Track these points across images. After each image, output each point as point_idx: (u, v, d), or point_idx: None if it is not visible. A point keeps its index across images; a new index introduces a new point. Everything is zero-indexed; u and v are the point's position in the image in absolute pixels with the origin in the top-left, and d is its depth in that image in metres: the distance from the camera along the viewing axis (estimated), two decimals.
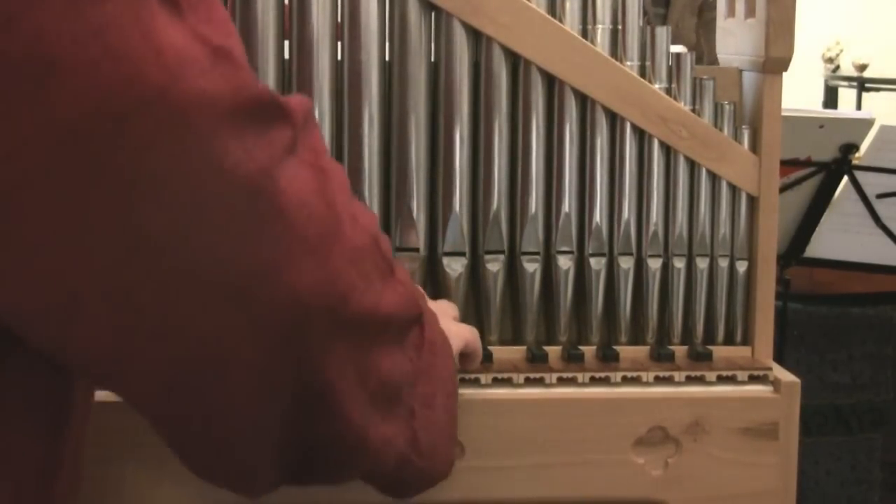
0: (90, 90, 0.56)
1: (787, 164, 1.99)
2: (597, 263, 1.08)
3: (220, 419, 0.66)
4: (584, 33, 1.07)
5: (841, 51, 5.85)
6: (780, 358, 1.79)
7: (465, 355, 0.97)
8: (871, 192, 2.09)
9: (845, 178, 2.10)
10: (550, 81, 1.07)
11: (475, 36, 1.05)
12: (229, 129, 0.60)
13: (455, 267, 1.06)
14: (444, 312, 0.96)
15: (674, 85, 1.09)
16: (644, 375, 1.05)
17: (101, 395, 0.77)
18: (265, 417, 0.67)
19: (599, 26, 1.07)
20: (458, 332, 0.95)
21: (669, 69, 1.09)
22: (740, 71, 1.14)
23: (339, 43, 1.03)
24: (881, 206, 2.10)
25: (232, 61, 0.61)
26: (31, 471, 0.67)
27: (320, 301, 0.65)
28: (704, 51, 3.10)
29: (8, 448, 0.65)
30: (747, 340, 1.11)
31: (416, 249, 1.05)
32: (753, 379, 1.06)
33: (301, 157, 0.65)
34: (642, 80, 1.07)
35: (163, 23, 0.58)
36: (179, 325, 0.62)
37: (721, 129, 1.09)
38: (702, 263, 1.10)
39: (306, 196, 0.64)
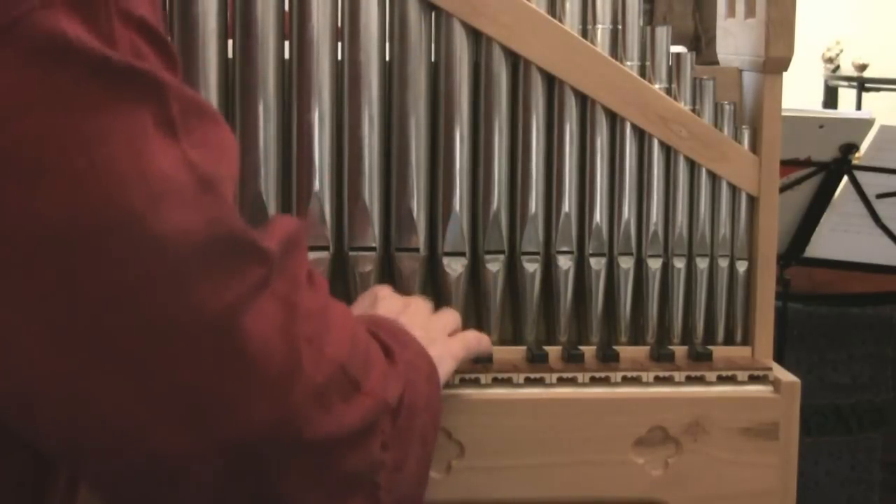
0: (71, 202, 0.57)
1: (787, 164, 1.98)
2: (597, 263, 1.08)
3: None
4: (584, 33, 1.07)
5: (841, 51, 5.85)
6: (780, 358, 1.79)
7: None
8: (871, 192, 2.09)
9: (845, 178, 2.10)
10: (550, 81, 1.07)
11: (475, 36, 1.05)
12: (201, 265, 0.61)
13: (455, 267, 1.06)
14: (443, 329, 0.97)
15: (674, 85, 1.09)
16: (644, 375, 1.05)
17: None
18: None
19: (599, 26, 1.07)
20: (452, 353, 0.95)
21: (669, 69, 1.09)
22: (740, 71, 1.14)
23: (339, 43, 1.03)
24: (881, 206, 2.10)
25: (214, 194, 0.62)
26: (27, 488, 0.68)
27: (273, 437, 0.66)
28: (703, 38, 3.09)
29: None
30: (747, 340, 1.12)
31: (416, 249, 1.05)
32: (753, 379, 1.06)
33: (274, 289, 0.66)
34: (642, 80, 1.07)
35: (154, 145, 0.59)
36: (134, 438, 0.63)
37: (721, 129, 1.09)
38: (702, 263, 1.10)
39: (269, 337, 0.65)
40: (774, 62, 1.08)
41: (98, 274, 0.58)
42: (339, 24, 1.03)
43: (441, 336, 0.96)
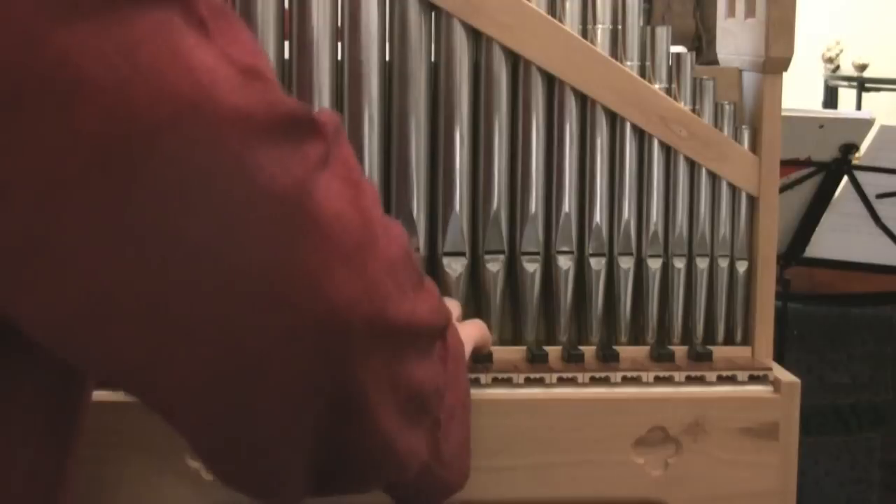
0: (120, 108, 0.56)
1: (787, 164, 1.98)
2: (597, 263, 1.08)
3: (253, 426, 0.66)
4: (584, 33, 1.07)
5: (841, 51, 5.85)
6: (780, 358, 1.78)
7: (476, 348, 0.98)
8: (871, 192, 2.09)
9: (845, 178, 2.10)
10: (550, 81, 1.07)
11: (475, 36, 1.05)
12: (263, 144, 0.60)
13: (455, 267, 1.06)
14: (452, 313, 0.96)
15: (674, 85, 1.09)
16: (644, 375, 1.05)
17: (99, 395, 0.77)
18: (298, 424, 0.66)
19: (599, 26, 1.07)
20: (469, 335, 0.95)
21: (669, 69, 1.09)
22: (740, 71, 1.14)
23: (339, 43, 1.03)
24: (881, 206, 2.10)
25: (262, 79, 0.61)
26: (35, 486, 0.67)
27: (358, 311, 0.65)
28: (704, 38, 3.09)
29: (13, 462, 0.65)
30: (747, 340, 1.12)
31: (417, 249, 1.05)
32: (753, 379, 1.06)
33: (334, 170, 0.65)
34: (642, 80, 1.07)
35: (192, 43, 0.59)
36: (215, 333, 0.62)
37: (721, 129, 1.09)
38: (702, 263, 1.10)
39: (342, 208, 0.64)
40: (774, 62, 1.08)
41: (157, 170, 0.57)
42: (339, 24, 1.03)
43: (456, 320, 0.96)
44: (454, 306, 1.02)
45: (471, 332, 0.97)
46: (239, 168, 0.59)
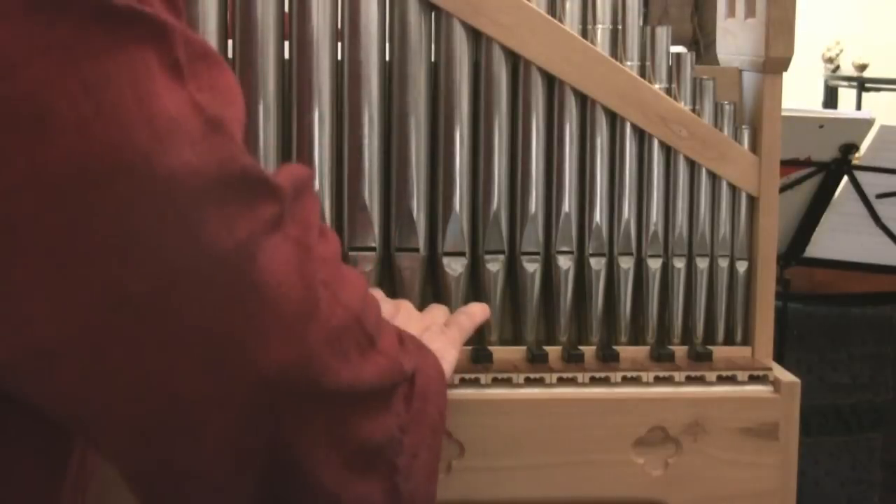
0: (78, 148, 0.56)
1: (787, 164, 1.98)
2: (597, 263, 1.08)
3: (191, 483, 0.66)
4: (584, 33, 1.07)
5: (841, 51, 5.85)
6: (780, 358, 1.79)
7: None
8: (871, 192, 2.09)
9: (845, 178, 2.10)
10: (550, 81, 1.07)
11: (475, 36, 1.05)
12: (212, 202, 0.60)
13: (455, 267, 1.06)
14: (435, 322, 0.97)
15: (674, 85, 1.09)
16: (644, 375, 1.05)
17: None
18: (236, 483, 0.67)
19: (599, 26, 1.07)
20: (452, 342, 0.95)
21: (669, 69, 1.09)
22: (740, 71, 1.14)
23: (339, 43, 1.03)
24: (881, 206, 2.10)
25: (223, 134, 0.61)
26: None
27: (289, 381, 0.65)
28: (702, 42, 3.09)
29: (4, 489, 0.65)
30: (747, 340, 1.12)
31: (416, 249, 1.05)
32: (753, 379, 1.06)
33: (286, 232, 0.65)
34: (642, 80, 1.07)
35: (160, 87, 0.58)
36: (151, 386, 0.62)
37: (721, 129, 1.09)
38: (702, 263, 1.10)
39: (284, 275, 0.64)
40: (774, 62, 1.08)
41: (107, 219, 0.57)
42: (339, 25, 1.03)
43: (437, 328, 0.96)
44: (440, 313, 1.01)
45: (452, 339, 0.97)
46: (184, 226, 0.59)
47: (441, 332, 0.96)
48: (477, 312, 1.03)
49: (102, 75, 0.56)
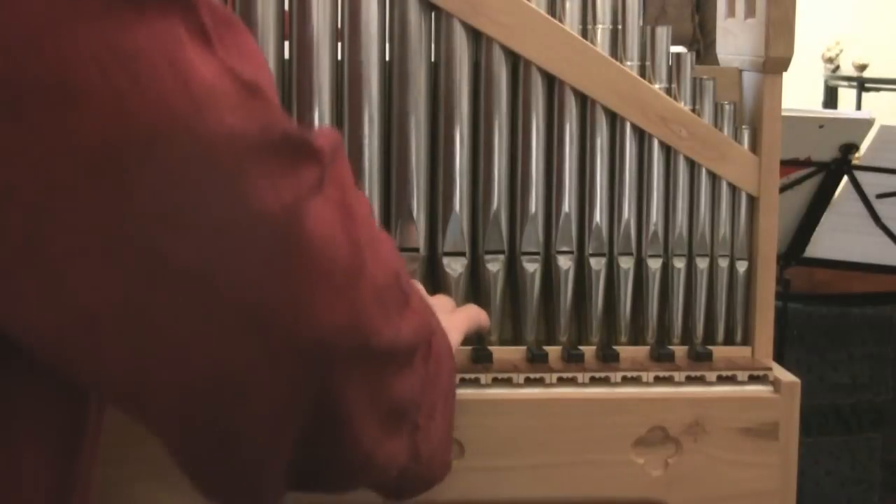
0: (115, 119, 0.56)
1: (787, 164, 1.98)
2: (597, 263, 1.08)
3: (234, 442, 0.66)
4: (584, 33, 1.07)
5: (841, 51, 5.85)
6: (780, 358, 1.79)
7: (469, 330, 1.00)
8: (871, 192, 2.09)
9: (845, 178, 2.10)
10: (550, 81, 1.07)
11: (475, 36, 1.05)
12: (256, 165, 0.60)
13: (455, 267, 1.06)
14: (442, 308, 0.96)
15: (674, 85, 1.09)
16: (644, 375, 1.05)
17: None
18: (278, 441, 0.67)
19: (599, 26, 1.07)
20: (456, 327, 0.96)
21: (669, 69, 1.09)
22: (740, 71, 1.14)
23: (339, 43, 1.03)
24: (881, 206, 2.10)
25: (261, 97, 0.61)
26: (43, 495, 0.67)
27: (342, 339, 0.65)
28: (702, 42, 3.08)
29: (20, 472, 0.65)
30: (747, 340, 1.12)
31: (416, 249, 1.05)
32: (753, 379, 1.06)
33: (327, 194, 0.64)
34: (642, 80, 1.07)
35: (192, 55, 0.58)
36: (199, 353, 0.61)
37: (721, 129, 1.09)
38: (702, 263, 1.10)
39: (331, 234, 0.64)
40: (774, 62, 1.08)
41: (149, 188, 0.57)
42: (339, 25, 1.03)
43: (443, 312, 0.96)
44: (447, 301, 1.02)
45: (458, 325, 0.97)
46: (230, 189, 0.59)
47: (448, 315, 0.96)
48: (484, 315, 1.04)
49: (134, 46, 0.56)
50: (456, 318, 0.98)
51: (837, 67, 5.89)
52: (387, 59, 1.04)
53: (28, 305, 0.59)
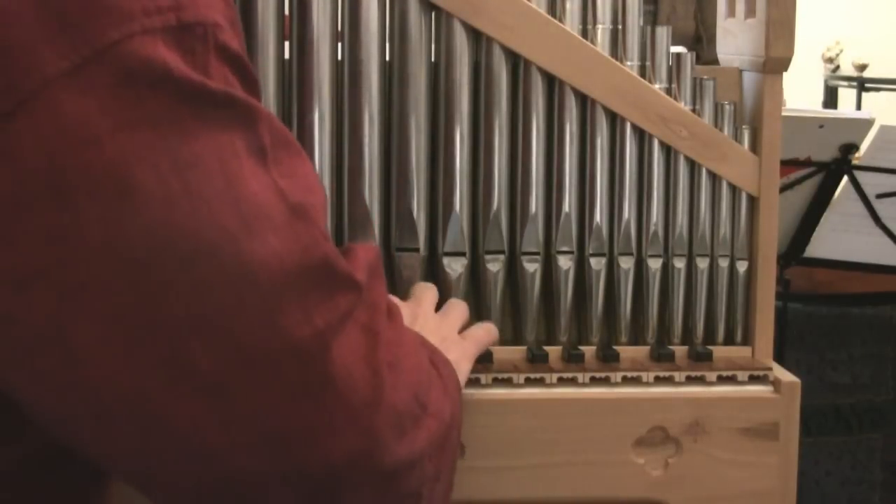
0: (164, 223, 0.56)
1: (787, 164, 1.98)
2: (597, 263, 1.08)
3: None
4: (584, 33, 1.07)
5: (841, 51, 5.84)
6: (780, 358, 1.79)
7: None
8: (871, 192, 2.09)
9: (845, 178, 2.10)
10: (550, 81, 1.07)
11: (475, 36, 1.05)
12: (294, 290, 0.60)
13: (455, 267, 1.06)
14: (452, 327, 0.97)
15: (674, 85, 1.09)
16: (644, 375, 1.05)
17: None
18: None
19: (599, 26, 1.07)
20: (467, 355, 0.95)
21: (669, 69, 1.09)
22: (740, 71, 1.14)
23: (340, 43, 1.03)
24: (881, 206, 2.10)
25: (307, 220, 0.61)
26: None
27: (353, 466, 0.66)
28: (704, 37, 3.09)
29: None
30: (747, 340, 1.11)
31: (416, 249, 1.05)
32: (753, 379, 1.06)
33: (357, 318, 0.65)
34: (642, 80, 1.07)
35: (247, 172, 0.58)
36: (211, 461, 0.62)
37: (721, 129, 1.09)
38: (702, 263, 1.10)
39: (354, 364, 0.64)
40: (774, 62, 1.08)
41: (185, 296, 0.57)
42: (339, 25, 1.03)
43: (453, 336, 0.96)
44: (460, 312, 1.01)
45: (470, 351, 0.97)
46: (263, 311, 0.59)
47: (457, 343, 0.96)
48: (493, 331, 1.03)
49: (191, 155, 0.56)
50: (466, 347, 0.97)
51: (837, 67, 5.89)
52: (387, 59, 1.04)
53: (44, 386, 0.59)
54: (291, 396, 0.62)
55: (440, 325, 0.97)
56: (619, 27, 1.07)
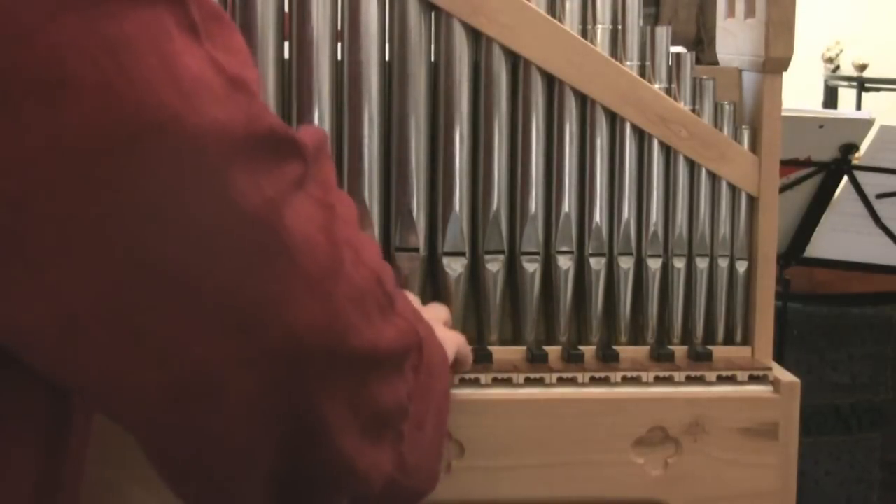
0: (102, 110, 0.55)
1: (787, 164, 1.98)
2: (597, 263, 1.08)
3: (212, 447, 0.66)
4: (584, 33, 1.07)
5: (841, 51, 5.84)
6: (780, 358, 1.79)
7: (456, 361, 0.97)
8: (871, 192, 2.09)
9: (845, 178, 2.10)
10: (550, 81, 1.07)
11: (475, 36, 1.05)
12: (240, 160, 0.60)
13: (455, 267, 1.06)
14: (437, 318, 0.96)
15: (674, 85, 1.09)
16: (644, 375, 1.05)
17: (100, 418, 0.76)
18: (256, 448, 0.66)
19: (599, 26, 1.07)
20: (451, 338, 0.95)
21: (669, 69, 1.09)
22: (740, 71, 1.14)
23: (339, 43, 1.03)
24: (881, 206, 2.10)
25: (247, 92, 0.61)
26: (28, 493, 0.66)
27: (318, 340, 0.64)
28: (705, 40, 3.10)
29: (4, 470, 0.65)
30: (747, 340, 1.12)
31: (416, 249, 1.05)
32: (753, 379, 1.06)
33: (309, 191, 0.64)
34: (642, 80, 1.07)
35: (180, 47, 0.58)
36: (176, 352, 0.61)
37: (721, 129, 1.09)
38: (702, 263, 1.10)
39: (311, 233, 0.64)
40: (774, 62, 1.08)
41: (134, 181, 0.57)
42: (339, 25, 1.03)
43: (438, 323, 0.95)
44: (443, 311, 1.01)
45: (453, 338, 0.96)
46: (214, 183, 0.59)
47: (442, 325, 0.96)
48: (468, 353, 1.02)
49: (122, 37, 0.56)
50: (451, 333, 0.97)
51: (837, 67, 5.89)
52: (387, 59, 1.04)
53: (8, 302, 0.59)
54: (250, 268, 0.61)
55: (425, 310, 0.96)
56: (619, 27, 1.07)
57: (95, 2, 0.55)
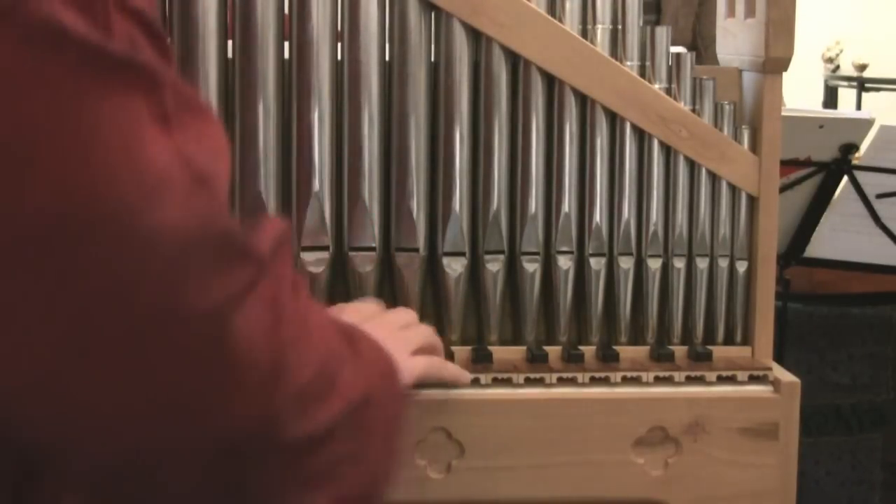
0: (62, 193, 0.55)
1: (787, 164, 1.98)
2: (597, 263, 1.08)
3: None
4: (584, 33, 1.07)
5: (841, 51, 5.84)
6: (780, 358, 1.79)
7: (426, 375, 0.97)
8: (871, 192, 2.09)
9: (845, 178, 2.10)
10: (550, 81, 1.07)
11: (475, 36, 1.05)
12: (191, 262, 0.60)
13: (455, 267, 1.06)
14: (400, 325, 0.96)
15: (674, 85, 1.09)
16: (644, 375, 1.05)
17: None
18: None
19: (599, 26, 1.07)
20: (412, 366, 0.94)
21: (669, 69, 1.09)
22: (740, 71, 1.14)
23: (339, 43, 1.03)
24: (881, 206, 2.10)
25: (210, 189, 0.61)
26: None
27: (253, 437, 0.66)
28: (700, 47, 3.11)
29: None
30: (747, 340, 1.11)
31: (416, 249, 1.05)
32: (753, 379, 1.06)
33: (260, 293, 0.65)
34: (642, 80, 1.07)
35: (148, 137, 0.58)
36: (117, 429, 0.62)
37: (721, 129, 1.09)
38: (702, 263, 1.10)
39: (256, 339, 0.64)
40: (774, 62, 1.08)
41: (85, 269, 0.57)
42: (339, 25, 1.03)
43: (403, 352, 0.94)
44: (407, 313, 1.00)
45: (414, 365, 0.95)
46: (163, 283, 0.59)
47: (399, 337, 0.95)
48: (447, 366, 1.01)
49: (91, 120, 0.56)
50: (413, 359, 0.95)
51: (837, 67, 5.89)
52: (387, 59, 1.04)
53: None
54: (192, 368, 0.62)
55: (383, 325, 0.96)
56: (619, 27, 1.07)
57: (71, 82, 0.55)
